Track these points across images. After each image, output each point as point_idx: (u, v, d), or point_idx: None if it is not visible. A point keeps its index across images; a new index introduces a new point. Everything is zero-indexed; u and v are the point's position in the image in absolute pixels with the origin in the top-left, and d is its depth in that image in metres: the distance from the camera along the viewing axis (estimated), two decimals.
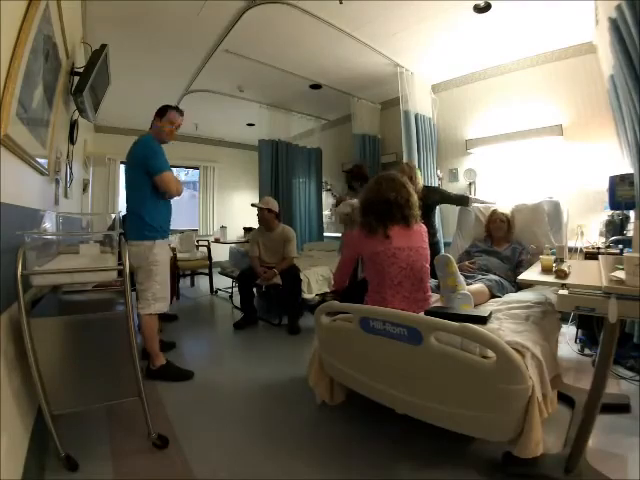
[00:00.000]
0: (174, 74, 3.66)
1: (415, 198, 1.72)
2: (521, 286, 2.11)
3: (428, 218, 2.78)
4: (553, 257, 1.56)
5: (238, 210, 6.41)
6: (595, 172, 2.74)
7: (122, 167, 5.58)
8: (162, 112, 2.10)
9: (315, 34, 2.85)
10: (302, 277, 3.19)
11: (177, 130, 2.15)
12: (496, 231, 2.47)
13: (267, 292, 3.39)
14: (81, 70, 2.09)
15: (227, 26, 2.74)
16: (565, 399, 1.67)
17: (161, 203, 2.06)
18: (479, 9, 2.51)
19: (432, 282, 1.82)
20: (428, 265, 1.69)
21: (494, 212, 2.54)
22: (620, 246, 1.99)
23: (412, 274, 1.62)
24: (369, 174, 4.06)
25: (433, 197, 2.78)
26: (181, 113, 2.14)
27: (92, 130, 4.89)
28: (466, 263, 2.31)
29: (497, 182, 3.44)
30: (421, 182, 2.78)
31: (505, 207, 2.58)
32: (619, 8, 1.65)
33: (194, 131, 5.45)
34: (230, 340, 2.89)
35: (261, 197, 4.82)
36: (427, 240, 1.74)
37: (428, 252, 1.71)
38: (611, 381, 1.72)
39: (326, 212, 5.24)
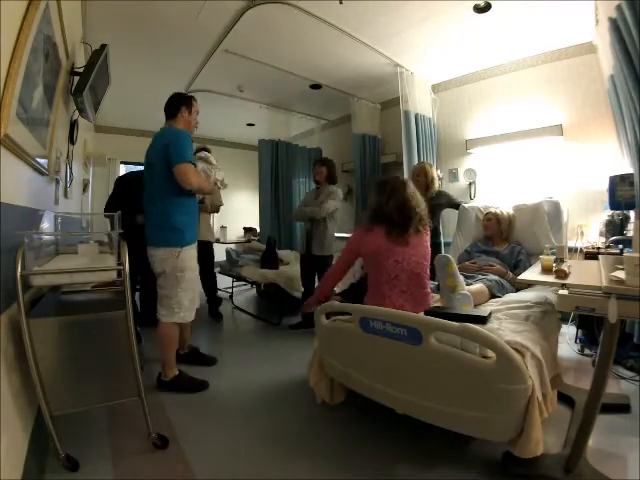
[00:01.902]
0: (174, 74, 3.66)
1: (424, 204, 1.74)
2: (520, 286, 2.11)
3: (433, 219, 2.89)
4: (553, 257, 1.55)
5: (238, 210, 6.41)
6: (595, 172, 2.74)
7: (122, 167, 5.58)
8: (188, 101, 1.95)
9: (315, 34, 2.85)
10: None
11: None
12: (486, 230, 2.49)
13: (266, 291, 3.40)
14: (81, 70, 2.09)
15: (227, 26, 2.74)
16: (565, 399, 1.67)
17: (187, 201, 1.85)
18: (479, 9, 2.51)
19: (432, 283, 1.82)
20: (427, 263, 1.69)
21: (485, 211, 2.57)
22: (620, 246, 1.99)
23: (409, 268, 1.62)
24: (369, 174, 4.09)
25: (441, 200, 2.93)
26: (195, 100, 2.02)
27: (92, 130, 4.89)
28: (467, 263, 2.32)
29: (497, 182, 3.44)
30: (437, 185, 2.93)
31: (506, 207, 2.57)
32: (619, 8, 1.65)
33: (194, 131, 5.44)
34: (230, 340, 2.89)
35: (261, 197, 4.83)
36: (429, 236, 1.75)
37: (428, 250, 1.71)
38: (611, 381, 1.72)
39: None
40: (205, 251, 3.26)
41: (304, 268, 2.97)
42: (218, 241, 4.74)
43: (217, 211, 3.37)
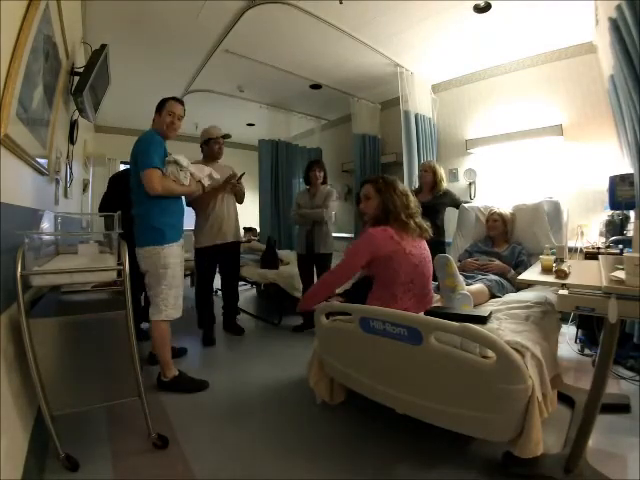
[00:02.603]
0: (174, 74, 3.67)
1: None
2: (520, 286, 2.11)
3: (438, 218, 2.90)
4: (553, 257, 1.55)
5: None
6: (595, 172, 2.74)
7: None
8: (160, 105, 1.96)
9: (315, 34, 2.85)
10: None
11: (179, 122, 1.95)
12: (491, 230, 2.48)
13: (266, 291, 3.39)
14: (81, 70, 2.09)
15: (227, 26, 2.74)
16: (565, 399, 1.67)
17: (167, 202, 1.88)
18: (479, 9, 2.51)
19: (432, 283, 1.82)
20: (431, 263, 1.71)
21: (490, 211, 2.55)
22: (620, 246, 1.99)
23: (423, 271, 1.63)
24: (369, 175, 4.09)
25: (445, 199, 2.95)
26: (180, 102, 1.98)
27: (92, 130, 4.89)
28: (469, 260, 2.32)
29: (497, 182, 3.44)
30: (444, 184, 2.95)
31: (505, 207, 2.57)
32: (619, 8, 1.65)
33: (194, 131, 5.44)
34: (229, 340, 2.89)
35: (261, 197, 4.83)
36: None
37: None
38: (611, 381, 1.72)
39: None
40: (226, 254, 2.76)
41: (304, 268, 2.96)
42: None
43: (240, 201, 2.99)
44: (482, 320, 1.41)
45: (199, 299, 2.77)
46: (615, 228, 2.29)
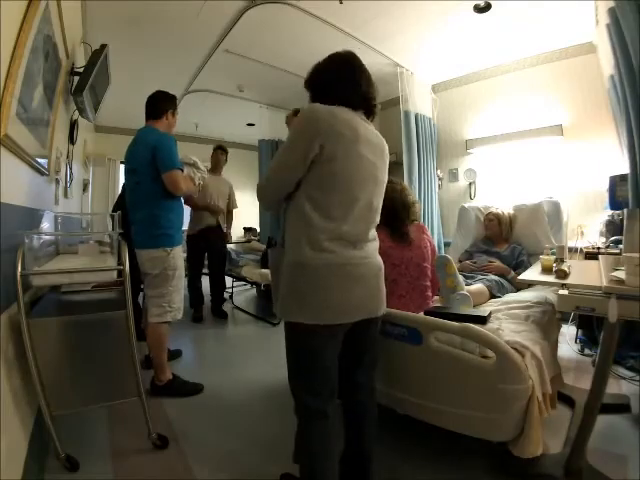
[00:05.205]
0: (174, 74, 3.66)
1: (411, 198, 1.74)
2: (520, 286, 2.11)
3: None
4: (553, 257, 1.55)
5: (238, 210, 6.39)
6: (595, 172, 2.74)
7: (122, 167, 5.58)
8: (174, 104, 2.01)
9: (315, 34, 2.84)
10: None
11: None
12: (488, 229, 2.48)
13: (267, 291, 3.40)
14: (81, 70, 2.09)
15: (227, 26, 2.73)
16: (565, 399, 1.67)
17: (175, 204, 1.87)
18: (479, 9, 2.51)
19: None
20: (427, 264, 1.68)
21: (487, 212, 2.56)
22: (620, 246, 1.99)
23: (407, 272, 1.62)
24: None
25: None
26: None
27: (92, 130, 4.88)
28: (467, 262, 2.32)
29: (497, 182, 3.44)
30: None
31: (506, 207, 2.57)
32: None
33: (194, 131, 5.45)
34: (229, 340, 2.89)
35: None
36: (428, 237, 1.73)
37: (427, 251, 1.69)
38: (611, 381, 1.72)
39: None
40: (212, 241, 3.37)
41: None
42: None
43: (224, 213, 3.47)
44: (482, 320, 1.41)
45: (191, 280, 3.29)
46: (615, 228, 2.29)
